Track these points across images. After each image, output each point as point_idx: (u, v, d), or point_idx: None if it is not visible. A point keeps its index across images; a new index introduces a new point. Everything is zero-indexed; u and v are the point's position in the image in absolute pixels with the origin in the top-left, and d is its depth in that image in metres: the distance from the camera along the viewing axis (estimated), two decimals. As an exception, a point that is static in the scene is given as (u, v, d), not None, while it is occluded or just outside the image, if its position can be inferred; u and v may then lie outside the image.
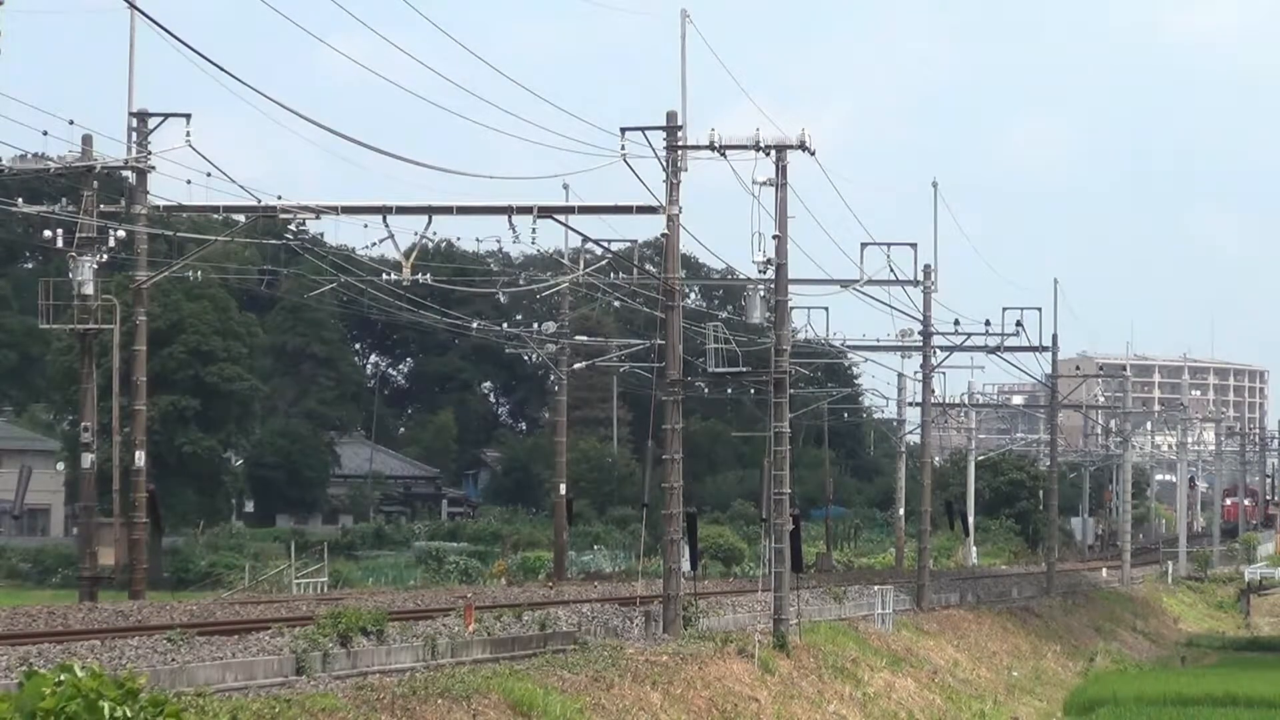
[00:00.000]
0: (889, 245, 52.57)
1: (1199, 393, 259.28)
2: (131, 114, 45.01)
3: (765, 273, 42.07)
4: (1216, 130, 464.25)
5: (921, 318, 62.17)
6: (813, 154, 41.24)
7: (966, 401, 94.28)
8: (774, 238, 41.32)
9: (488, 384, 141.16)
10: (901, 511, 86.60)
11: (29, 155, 44.98)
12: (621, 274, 53.75)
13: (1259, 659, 70.78)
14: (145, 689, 18.38)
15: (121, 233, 44.40)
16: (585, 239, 46.61)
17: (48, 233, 44.26)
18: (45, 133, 41.10)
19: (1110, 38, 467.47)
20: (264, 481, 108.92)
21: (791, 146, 40.88)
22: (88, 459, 46.22)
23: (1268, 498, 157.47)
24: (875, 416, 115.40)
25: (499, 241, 65.56)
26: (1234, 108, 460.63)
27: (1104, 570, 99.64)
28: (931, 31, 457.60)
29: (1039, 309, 65.94)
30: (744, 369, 45.60)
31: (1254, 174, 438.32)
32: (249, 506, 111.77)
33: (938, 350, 64.67)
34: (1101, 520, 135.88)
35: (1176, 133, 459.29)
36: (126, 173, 46.14)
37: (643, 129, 38.94)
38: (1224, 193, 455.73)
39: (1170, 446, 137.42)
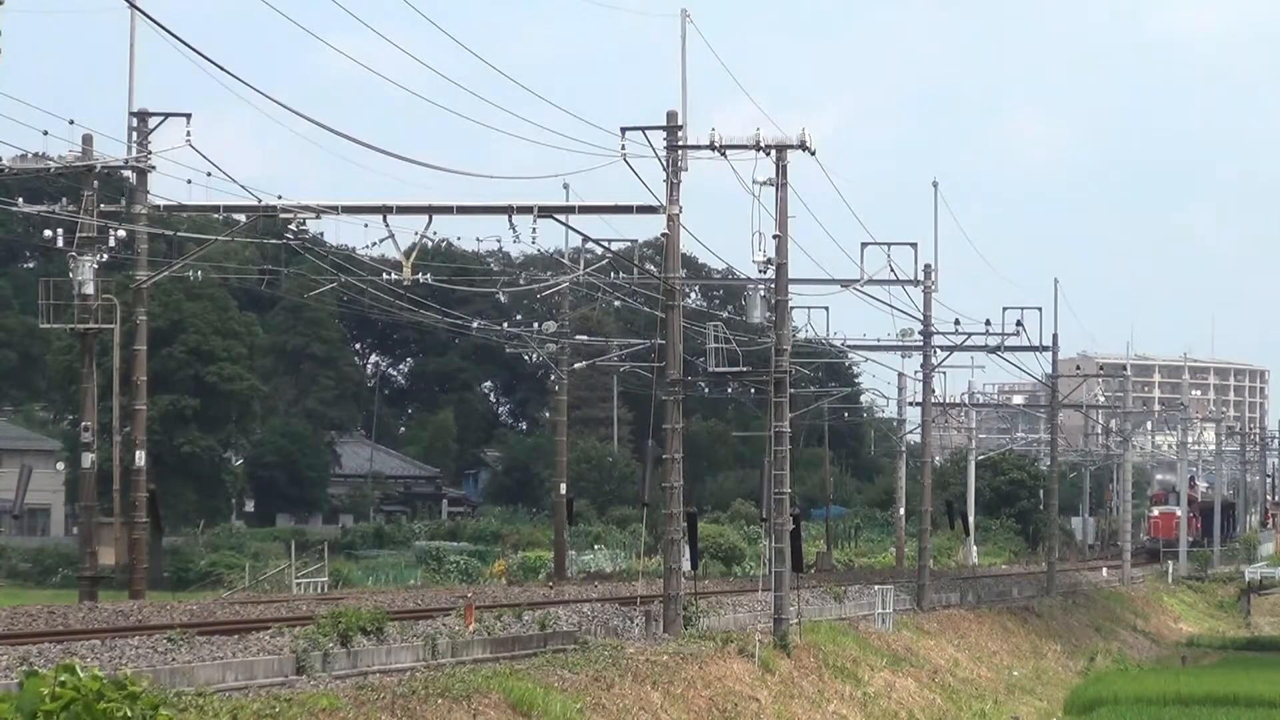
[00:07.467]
0: (889, 245, 52.54)
1: (1199, 393, 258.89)
2: (131, 114, 44.99)
3: (765, 272, 42.07)
4: (1217, 130, 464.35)
5: (921, 317, 62.13)
6: (813, 153, 41.24)
7: (967, 401, 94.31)
8: (774, 237, 41.32)
9: (488, 384, 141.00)
10: (902, 511, 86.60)
11: (29, 155, 44.89)
12: (621, 274, 53.76)
13: (1259, 659, 70.74)
14: (145, 690, 18.38)
15: (121, 232, 44.39)
16: (585, 239, 46.61)
17: (48, 232, 44.25)
18: (45, 132, 41.21)
19: (1111, 37, 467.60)
20: (264, 481, 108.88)
21: (791, 146, 40.86)
22: (88, 459, 46.19)
23: (1268, 497, 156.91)
24: (875, 416, 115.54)
25: (499, 241, 65.70)
26: (1235, 108, 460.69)
27: (1104, 570, 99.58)
28: (931, 30, 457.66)
29: (1039, 309, 65.99)
30: (744, 369, 45.60)
31: (1254, 174, 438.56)
32: (249, 506, 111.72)
33: (938, 350, 64.66)
34: (1102, 520, 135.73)
35: (1177, 132, 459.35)
36: (127, 172, 46.15)
37: (643, 129, 38.92)
38: (1224, 193, 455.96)
39: (1170, 446, 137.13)
